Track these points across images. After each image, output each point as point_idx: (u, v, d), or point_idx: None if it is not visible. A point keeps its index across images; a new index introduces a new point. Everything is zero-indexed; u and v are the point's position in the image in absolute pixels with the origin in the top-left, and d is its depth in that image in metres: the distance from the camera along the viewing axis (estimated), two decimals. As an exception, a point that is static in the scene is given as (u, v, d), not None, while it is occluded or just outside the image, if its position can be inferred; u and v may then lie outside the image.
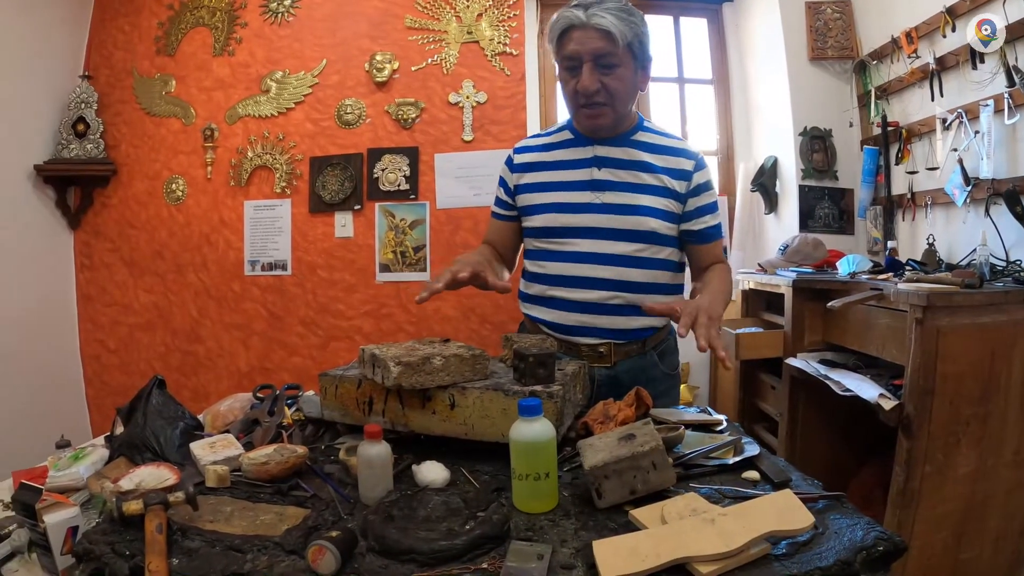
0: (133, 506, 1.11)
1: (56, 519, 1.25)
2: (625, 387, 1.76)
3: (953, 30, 2.91)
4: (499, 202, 2.20)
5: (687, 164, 2.01)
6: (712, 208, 2.07)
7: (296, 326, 3.95)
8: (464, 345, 1.50)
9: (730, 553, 0.93)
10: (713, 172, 4.41)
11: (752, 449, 1.39)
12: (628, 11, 1.85)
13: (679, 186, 2.00)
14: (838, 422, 3.09)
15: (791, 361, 3.01)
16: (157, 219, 4.05)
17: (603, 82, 1.87)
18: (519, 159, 2.15)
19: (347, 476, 1.35)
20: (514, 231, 2.18)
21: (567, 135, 2.09)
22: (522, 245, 2.20)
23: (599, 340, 1.96)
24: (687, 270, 2.17)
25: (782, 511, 1.01)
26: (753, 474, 1.28)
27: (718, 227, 2.10)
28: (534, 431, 1.15)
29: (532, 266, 2.11)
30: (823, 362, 2.85)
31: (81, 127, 3.91)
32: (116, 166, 4.04)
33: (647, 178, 1.98)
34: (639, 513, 1.08)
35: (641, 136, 2.03)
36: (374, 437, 1.25)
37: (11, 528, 1.39)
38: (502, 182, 2.19)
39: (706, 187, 2.05)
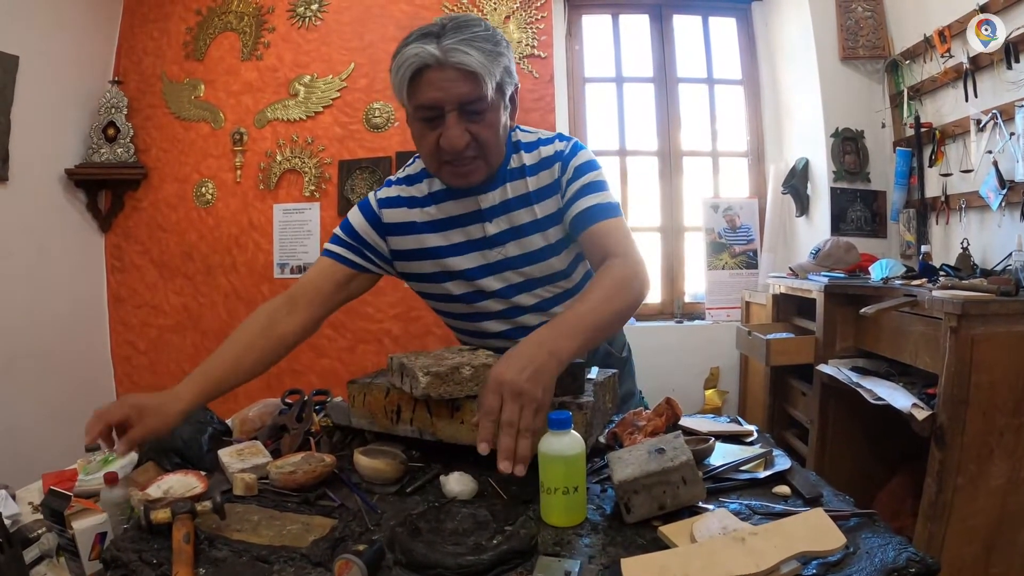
0: (161, 514, 1.11)
1: (84, 525, 1.25)
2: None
3: (987, 28, 2.87)
4: (343, 243, 1.77)
5: (557, 170, 1.69)
6: (589, 189, 1.65)
7: (325, 328, 3.91)
8: (493, 354, 1.49)
9: (760, 574, 0.91)
10: (743, 174, 4.46)
11: (783, 463, 1.36)
12: (492, 39, 1.50)
13: (558, 202, 1.70)
14: (869, 430, 3.06)
15: (822, 368, 2.98)
16: (187, 222, 4.10)
17: (472, 132, 1.52)
18: (391, 216, 1.76)
19: (373, 484, 1.35)
20: (357, 283, 1.80)
21: (438, 184, 1.73)
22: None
23: None
24: None
25: (813, 530, 0.99)
26: (784, 489, 1.26)
27: (597, 208, 1.63)
28: (563, 444, 1.13)
29: (452, 323, 1.92)
30: (855, 369, 2.81)
31: (111, 131, 3.97)
32: (146, 170, 4.10)
33: (538, 209, 1.70)
34: (668, 530, 1.07)
35: (515, 160, 1.71)
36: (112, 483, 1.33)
37: (40, 531, 1.39)
38: (352, 233, 1.77)
39: (576, 174, 1.67)
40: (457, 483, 1.27)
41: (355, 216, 1.78)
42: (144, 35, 4.19)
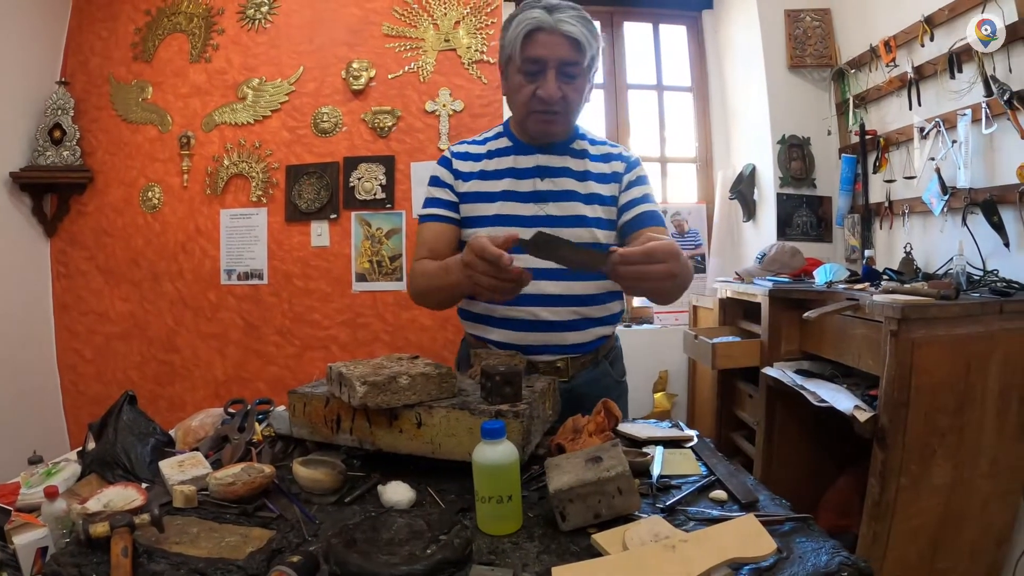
0: (99, 528, 1.10)
1: (25, 540, 1.24)
2: (583, 399, 1.76)
3: (931, 39, 2.94)
4: (441, 203, 2.00)
5: (619, 167, 1.99)
6: (648, 199, 1.97)
7: (272, 335, 3.93)
8: (432, 363, 1.49)
9: (691, 580, 0.93)
10: (691, 180, 4.51)
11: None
12: (589, 21, 1.80)
13: (613, 190, 1.97)
14: (815, 431, 3.10)
15: (768, 371, 3.01)
16: (133, 227, 4.02)
17: (563, 90, 1.81)
18: (459, 165, 2.03)
19: (312, 495, 1.34)
20: (459, 236, 2.01)
21: (506, 142, 2.03)
22: None
23: (556, 356, 1.89)
24: None
25: (744, 537, 1.00)
26: (720, 494, 1.27)
27: (656, 214, 1.96)
28: (497, 454, 1.14)
29: None
30: (799, 372, 2.85)
31: (57, 134, 3.87)
32: (92, 173, 4.01)
33: (589, 186, 1.94)
34: (601, 538, 1.07)
35: (578, 144, 2.00)
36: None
37: (-18, 547, 1.37)
38: (439, 183, 2.02)
39: (638, 182, 1.99)
40: (395, 492, 1.28)
41: (440, 172, 2.05)
42: (92, 35, 4.09)
